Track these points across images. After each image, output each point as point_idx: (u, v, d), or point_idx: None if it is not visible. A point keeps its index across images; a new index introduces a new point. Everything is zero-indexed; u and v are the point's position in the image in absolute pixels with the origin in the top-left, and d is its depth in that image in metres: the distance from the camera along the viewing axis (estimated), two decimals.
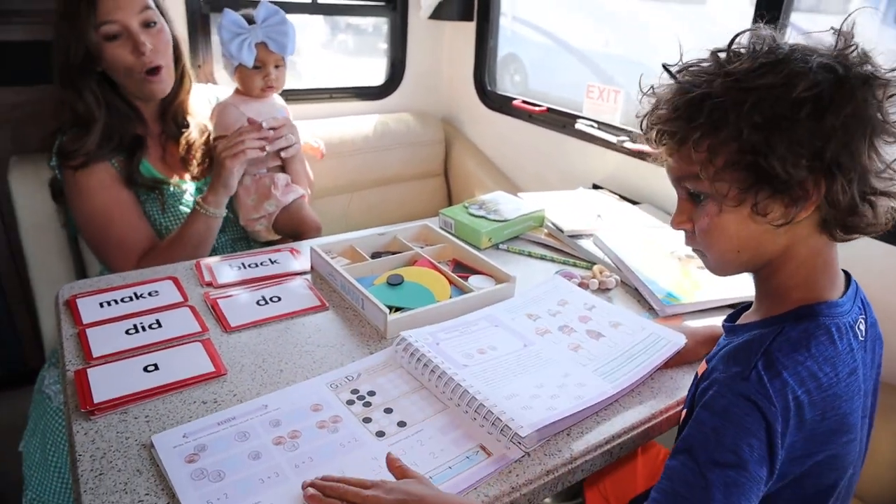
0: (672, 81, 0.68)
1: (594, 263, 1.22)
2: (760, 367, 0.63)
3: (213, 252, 1.41)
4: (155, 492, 0.68)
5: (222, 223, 1.41)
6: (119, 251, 1.27)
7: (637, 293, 1.15)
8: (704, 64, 0.66)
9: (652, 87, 0.71)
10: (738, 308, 0.80)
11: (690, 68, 0.67)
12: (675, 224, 0.74)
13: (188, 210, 1.32)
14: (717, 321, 1.05)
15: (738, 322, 0.76)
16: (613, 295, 1.15)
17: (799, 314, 0.67)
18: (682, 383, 0.91)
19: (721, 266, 0.73)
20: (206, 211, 1.27)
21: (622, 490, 1.06)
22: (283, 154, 1.41)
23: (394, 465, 0.70)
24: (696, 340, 0.95)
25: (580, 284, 1.12)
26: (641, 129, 0.73)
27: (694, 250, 0.75)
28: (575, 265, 1.24)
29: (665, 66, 0.69)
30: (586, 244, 1.27)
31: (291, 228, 1.46)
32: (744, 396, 0.62)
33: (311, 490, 0.66)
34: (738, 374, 0.63)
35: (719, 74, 0.64)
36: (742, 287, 1.13)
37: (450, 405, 0.82)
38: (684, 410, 0.78)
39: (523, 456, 0.76)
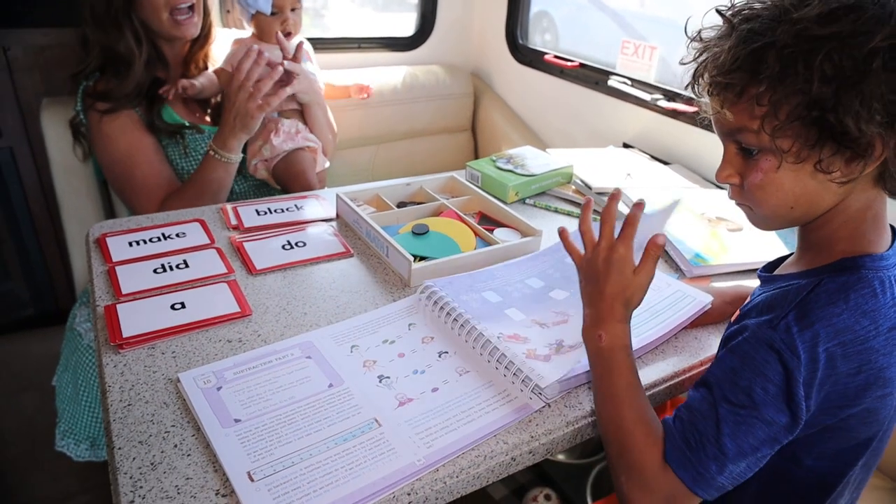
0: (724, 27, 0.64)
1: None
2: (791, 319, 0.61)
3: (237, 197, 1.41)
4: (181, 424, 0.69)
5: (245, 171, 1.41)
6: (142, 195, 1.27)
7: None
8: (757, 5, 0.62)
9: (699, 33, 0.67)
10: (776, 259, 0.78)
11: (744, 12, 0.63)
12: (722, 178, 0.70)
13: None
14: (745, 282, 1.03)
15: (775, 272, 0.74)
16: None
17: (841, 266, 0.65)
18: (706, 343, 0.90)
19: (769, 221, 0.70)
20: (223, 157, 1.26)
21: None
22: (298, 98, 1.37)
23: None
24: (724, 300, 0.93)
25: None
26: (693, 79, 0.69)
27: (738, 204, 0.72)
28: None
29: (719, 11, 0.65)
30: None
31: (285, 180, 1.41)
32: (767, 343, 0.61)
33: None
34: (767, 322, 0.62)
35: (784, 21, 0.59)
36: (773, 251, 1.10)
37: (472, 354, 0.82)
38: None
39: (544, 407, 0.75)
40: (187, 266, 0.96)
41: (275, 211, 1.14)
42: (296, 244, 1.04)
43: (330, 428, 0.69)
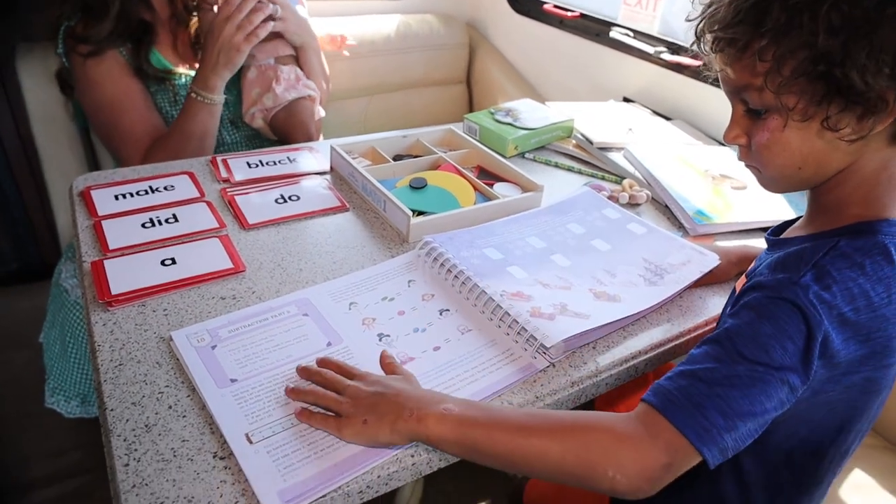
0: None
1: (623, 178, 1.17)
2: (810, 278, 0.59)
3: (227, 148, 1.36)
4: (175, 384, 0.66)
5: (236, 120, 1.35)
6: (128, 143, 1.22)
7: (667, 211, 1.10)
8: None
9: None
10: (783, 223, 0.75)
11: None
12: (730, 138, 0.67)
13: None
14: (750, 242, 1.01)
15: (784, 236, 0.72)
16: (643, 211, 1.10)
17: (856, 230, 0.62)
18: (710, 303, 0.88)
19: (777, 183, 0.67)
20: (205, 98, 1.18)
21: None
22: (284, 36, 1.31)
23: (384, 362, 0.70)
24: (729, 260, 0.91)
25: (609, 198, 1.07)
26: (696, 35, 0.66)
27: (747, 165, 0.69)
28: (603, 178, 1.19)
29: None
30: (616, 157, 1.21)
31: (286, 131, 1.35)
32: (789, 300, 0.57)
33: (293, 385, 0.66)
34: (786, 279, 0.59)
35: None
36: (778, 210, 1.08)
37: (474, 312, 0.79)
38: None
39: (548, 366, 0.73)
40: (177, 220, 0.92)
41: (266, 163, 1.10)
42: (289, 198, 1.00)
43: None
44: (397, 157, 1.14)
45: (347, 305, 0.79)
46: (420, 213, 0.96)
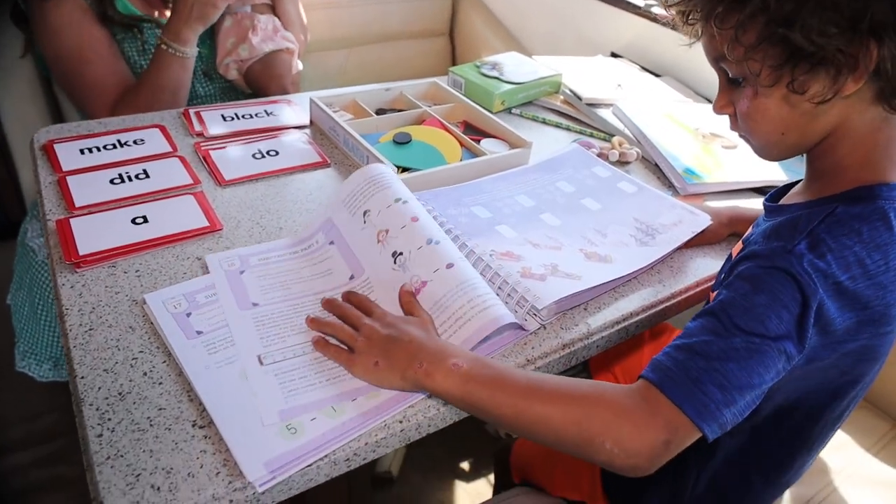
0: None
1: (613, 135, 1.13)
2: (804, 247, 0.57)
3: (200, 101, 1.29)
4: (150, 349, 0.63)
5: (210, 72, 1.28)
6: (94, 95, 1.14)
7: (657, 169, 1.07)
8: None
9: None
10: (781, 187, 0.73)
11: None
12: (717, 109, 0.66)
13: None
14: (741, 203, 0.99)
15: (781, 202, 0.69)
16: (632, 169, 1.07)
17: (854, 195, 0.60)
18: (701, 264, 0.86)
19: (766, 150, 0.65)
20: (177, 51, 1.11)
21: (631, 375, 1.04)
22: None
23: (405, 298, 0.69)
24: (720, 221, 0.89)
25: (599, 155, 1.04)
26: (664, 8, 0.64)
27: (740, 136, 0.67)
28: (592, 135, 1.15)
29: None
30: (605, 114, 1.17)
31: (261, 84, 1.28)
32: (783, 269, 0.56)
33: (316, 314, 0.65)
34: (779, 248, 0.57)
35: None
36: (769, 170, 1.06)
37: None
38: (712, 293, 0.73)
39: (539, 328, 0.71)
40: (148, 176, 0.87)
41: (242, 116, 1.04)
42: (267, 153, 0.95)
43: (317, 358, 0.64)
44: (380, 111, 1.09)
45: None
46: (405, 170, 0.92)
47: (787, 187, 0.72)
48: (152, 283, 0.70)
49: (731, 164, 1.07)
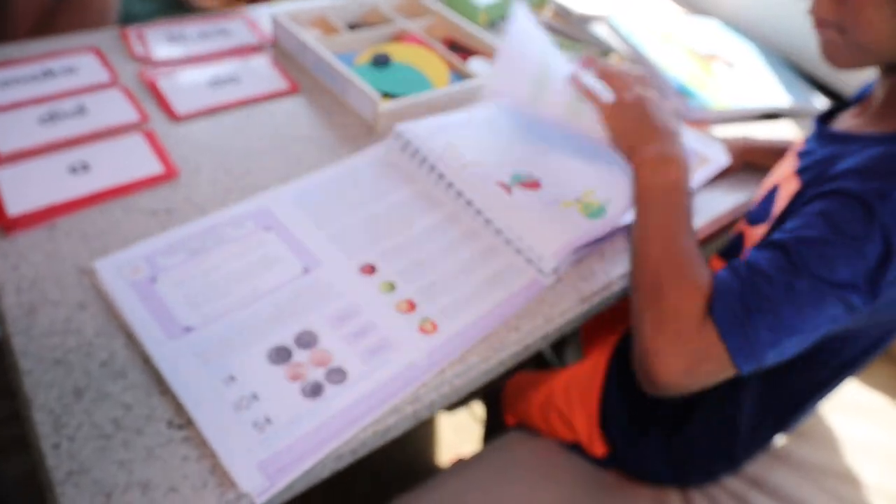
0: None
1: (607, 52, 1.01)
2: None
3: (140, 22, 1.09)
4: (107, 332, 0.51)
5: None
6: (10, 13, 0.95)
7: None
8: None
9: None
10: (831, 109, 0.63)
11: None
12: None
13: None
14: (747, 130, 0.89)
15: (837, 127, 0.60)
16: None
17: None
18: (719, 199, 0.76)
19: (859, 51, 0.54)
20: None
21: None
22: None
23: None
24: (733, 152, 0.80)
25: None
26: None
27: (820, 23, 0.55)
28: (587, 54, 1.02)
29: None
30: (599, 29, 1.04)
31: None
32: (873, 216, 0.48)
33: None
34: (873, 191, 0.48)
35: None
36: (773, 95, 0.96)
37: (464, 218, 0.66)
38: (749, 226, 0.65)
39: (556, 282, 0.62)
40: (84, 113, 0.71)
41: (192, 37, 0.87)
42: (227, 80, 0.80)
43: (307, 324, 0.54)
44: (352, 27, 0.93)
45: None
46: (386, 96, 0.79)
47: (836, 108, 0.63)
48: (102, 247, 0.58)
49: (733, 87, 0.96)
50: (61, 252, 0.57)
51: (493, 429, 1.06)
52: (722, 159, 0.76)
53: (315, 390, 0.49)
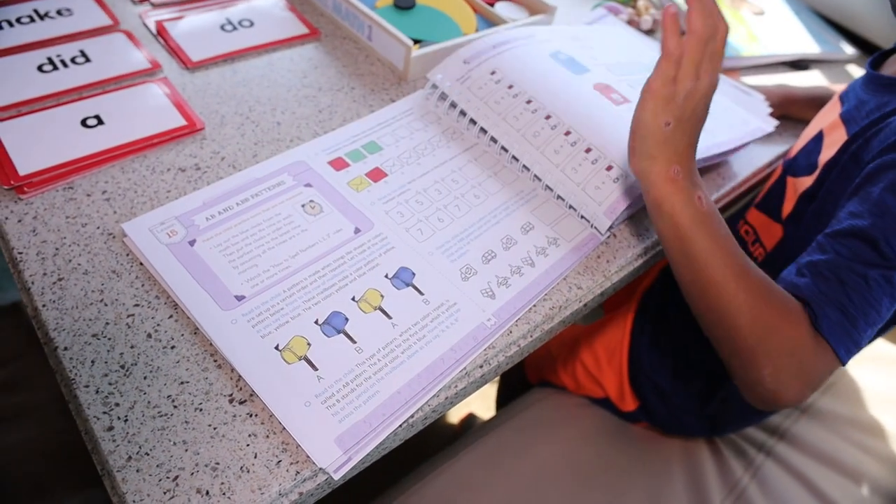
0: None
1: None
2: None
3: None
4: (147, 301, 0.46)
5: None
6: None
7: None
8: None
9: None
10: (879, 53, 0.60)
11: None
12: None
13: None
14: (776, 79, 0.85)
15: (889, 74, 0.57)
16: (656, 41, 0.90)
17: None
18: (758, 151, 0.73)
19: None
20: None
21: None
22: None
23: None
24: (772, 103, 0.76)
25: (629, 23, 0.87)
26: None
27: None
28: None
29: None
30: None
31: None
32: None
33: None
34: None
35: None
36: (803, 43, 0.92)
37: (510, 176, 0.61)
38: (805, 178, 0.62)
39: (610, 237, 0.59)
40: (88, 60, 0.64)
41: None
42: (239, 23, 0.72)
43: (368, 289, 0.49)
44: None
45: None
46: (415, 42, 0.73)
47: (887, 52, 0.59)
48: (129, 208, 0.52)
49: (764, 35, 0.92)
50: (83, 213, 0.51)
51: (511, 386, 1.04)
52: (768, 127, 0.72)
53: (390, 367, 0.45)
